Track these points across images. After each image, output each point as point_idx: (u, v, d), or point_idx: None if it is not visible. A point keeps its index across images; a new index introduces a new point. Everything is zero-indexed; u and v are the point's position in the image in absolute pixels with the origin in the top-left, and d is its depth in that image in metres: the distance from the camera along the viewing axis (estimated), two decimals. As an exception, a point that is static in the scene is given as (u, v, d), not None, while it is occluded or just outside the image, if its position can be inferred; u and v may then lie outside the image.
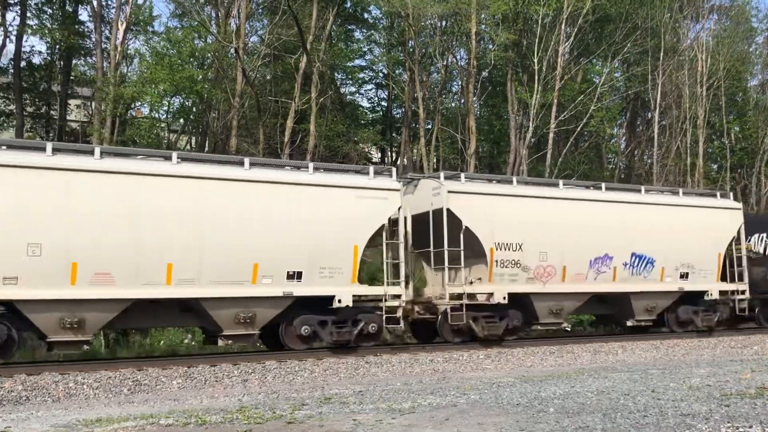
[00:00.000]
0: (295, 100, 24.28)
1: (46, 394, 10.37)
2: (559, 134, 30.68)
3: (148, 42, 27.51)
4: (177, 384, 11.27)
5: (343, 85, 34.92)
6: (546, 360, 14.33)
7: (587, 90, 30.26)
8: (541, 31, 28.04)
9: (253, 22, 29.17)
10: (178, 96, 26.89)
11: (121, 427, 7.18)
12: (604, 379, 10.69)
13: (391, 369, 12.99)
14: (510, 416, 7.23)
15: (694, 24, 35.82)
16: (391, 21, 32.38)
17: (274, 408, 8.26)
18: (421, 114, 28.81)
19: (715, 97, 33.70)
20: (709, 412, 7.19)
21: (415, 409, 7.95)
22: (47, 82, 27.05)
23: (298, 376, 12.15)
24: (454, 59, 32.29)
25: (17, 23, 25.25)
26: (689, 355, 15.46)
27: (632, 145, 37.37)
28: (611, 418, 6.92)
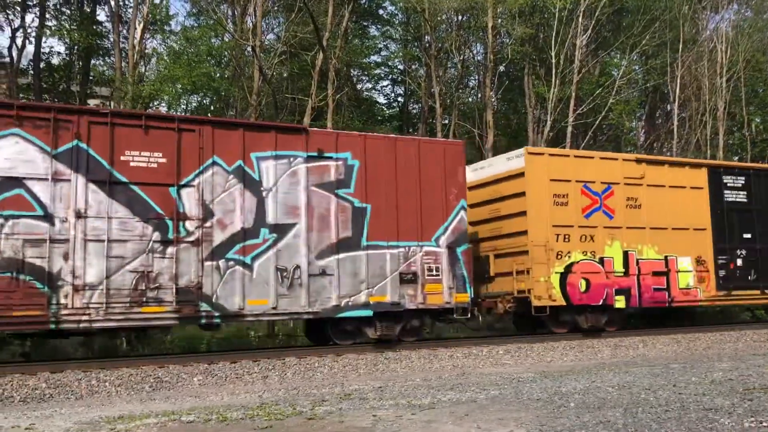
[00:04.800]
0: (312, 97, 24.30)
1: (69, 391, 10.48)
2: (578, 128, 30.48)
3: (165, 41, 27.70)
4: (198, 381, 11.35)
5: (360, 82, 34.94)
6: (566, 355, 14.28)
7: (605, 83, 30.04)
8: (558, 24, 27.86)
9: (269, 20, 29.24)
10: (195, 94, 27.03)
11: (143, 423, 7.24)
12: (625, 373, 10.63)
13: (410, 365, 13.00)
14: (530, 411, 7.21)
15: (714, 15, 35.43)
16: (407, 16, 32.31)
17: (295, 404, 8.30)
18: (438, 109, 28.75)
19: (736, 88, 33.30)
20: (732, 406, 7.13)
21: (435, 404, 7.95)
22: (66, 83, 27.28)
23: (317, 372, 12.19)
24: (470, 54, 32.21)
25: (36, 25, 25.53)
26: (711, 349, 15.34)
27: (651, 138, 37.05)
28: (632, 413, 6.88)
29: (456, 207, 14.90)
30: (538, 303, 15.79)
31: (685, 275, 17.68)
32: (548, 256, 15.97)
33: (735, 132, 37.35)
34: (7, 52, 25.88)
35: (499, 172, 17.14)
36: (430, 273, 14.49)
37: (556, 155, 17.03)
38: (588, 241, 16.55)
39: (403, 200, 14.38)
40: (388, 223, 14.20)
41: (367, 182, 14.14)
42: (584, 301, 16.28)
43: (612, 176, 17.08)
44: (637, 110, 35.86)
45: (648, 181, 17.52)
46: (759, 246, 18.88)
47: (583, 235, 16.48)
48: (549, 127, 28.37)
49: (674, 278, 17.50)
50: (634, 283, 16.93)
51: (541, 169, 16.30)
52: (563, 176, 16.50)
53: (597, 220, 16.68)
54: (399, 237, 14.27)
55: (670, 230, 17.57)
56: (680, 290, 17.50)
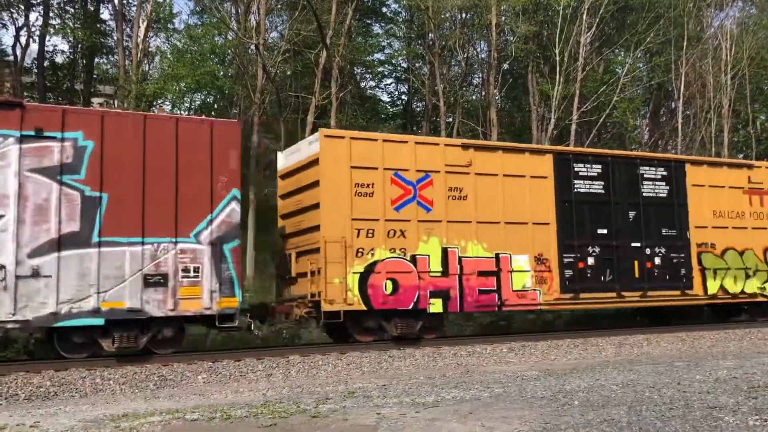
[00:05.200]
0: (316, 95, 24.31)
1: (74, 389, 10.50)
2: (582, 126, 30.43)
3: (169, 39, 27.72)
4: (202, 379, 11.36)
5: (363, 80, 34.92)
6: (570, 353, 14.27)
7: (610, 81, 29.98)
8: (562, 21, 27.81)
9: (272, 18, 29.25)
10: (199, 92, 27.05)
11: (148, 421, 7.25)
12: (629, 371, 10.62)
13: (414, 363, 13.00)
14: (534, 409, 7.20)
15: (718, 12, 35.33)
16: (410, 14, 32.28)
17: (299, 402, 8.30)
18: (441, 107, 28.72)
19: (740, 86, 33.22)
20: (737, 404, 7.12)
21: (439, 402, 7.95)
22: (70, 81, 27.32)
23: (321, 370, 12.20)
24: (474, 51, 32.16)
25: (40, 23, 25.56)
26: (715, 347, 15.31)
27: (656, 135, 36.98)
28: (637, 411, 6.87)
29: (225, 197, 12.81)
30: (330, 307, 13.75)
31: (520, 275, 15.54)
32: (345, 254, 13.94)
33: (740, 129, 37.27)
34: (11, 50, 25.99)
35: (302, 158, 15.22)
36: (187, 274, 12.41)
37: (360, 138, 14.78)
38: (398, 236, 14.42)
39: (154, 189, 12.30)
40: (131, 215, 12.08)
41: (104, 167, 12.00)
42: (390, 305, 14.14)
43: (431, 164, 15.01)
44: (641, 108, 35.78)
45: (477, 169, 15.45)
46: (616, 242, 16.75)
47: (391, 230, 14.37)
48: (553, 125, 28.33)
49: (507, 279, 15.35)
50: (454, 285, 14.81)
51: (339, 154, 14.26)
52: (369, 163, 14.46)
53: (410, 213, 14.58)
54: (145, 232, 12.16)
55: (503, 225, 15.47)
56: (514, 292, 15.37)
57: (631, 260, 16.87)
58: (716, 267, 17.97)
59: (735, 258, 18.24)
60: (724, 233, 18.21)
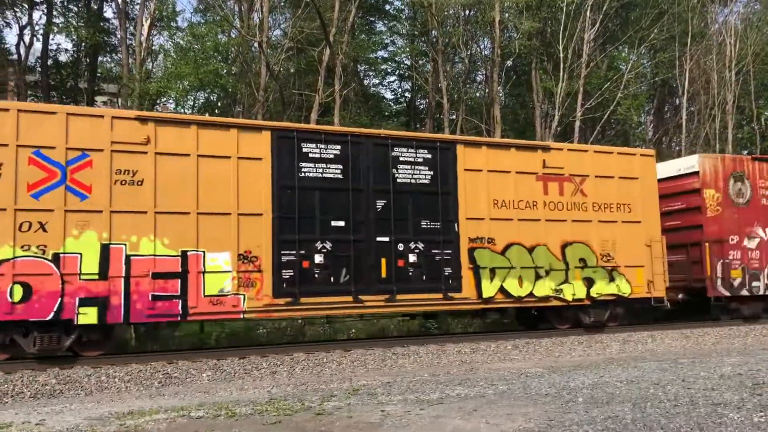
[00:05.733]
0: (319, 93, 24.30)
1: (79, 387, 10.54)
2: (586, 122, 30.38)
3: (172, 37, 27.73)
4: (207, 377, 11.39)
5: (366, 77, 34.90)
6: (574, 350, 14.26)
7: (614, 77, 29.93)
8: (566, 18, 27.76)
9: (275, 16, 29.24)
10: (202, 91, 27.06)
11: (153, 419, 7.27)
12: (634, 368, 10.62)
13: (418, 360, 13.01)
14: (539, 406, 7.21)
15: (722, 8, 35.23)
16: (413, 11, 32.26)
17: (303, 400, 8.32)
18: (445, 104, 28.70)
19: (745, 82, 33.14)
20: (741, 401, 7.11)
21: (443, 400, 7.96)
22: (74, 80, 27.35)
23: (326, 367, 12.22)
24: (478, 49, 32.12)
25: (44, 22, 25.60)
26: (720, 344, 15.29)
27: (660, 132, 36.92)
28: (641, 408, 6.87)
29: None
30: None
31: (217, 277, 12.82)
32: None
33: (744, 126, 37.18)
34: (15, 49, 26.02)
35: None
36: None
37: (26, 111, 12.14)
38: (35, 230, 11.71)
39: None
40: None
41: None
42: (20, 315, 11.44)
43: (92, 140, 12.25)
44: (645, 104, 35.71)
45: (160, 147, 12.68)
46: (356, 237, 13.98)
47: (26, 221, 11.63)
48: (557, 122, 28.29)
49: (196, 282, 12.62)
50: (117, 290, 12.08)
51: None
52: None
53: (55, 201, 11.83)
54: None
55: (194, 216, 12.77)
56: (207, 298, 12.68)
57: (376, 258, 14.07)
58: (495, 266, 14.94)
59: (521, 255, 15.24)
60: (508, 226, 15.22)
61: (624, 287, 16.23)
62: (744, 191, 18.66)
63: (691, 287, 18.26)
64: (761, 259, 18.50)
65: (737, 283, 18.08)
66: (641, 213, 16.69)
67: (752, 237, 18.46)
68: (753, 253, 18.40)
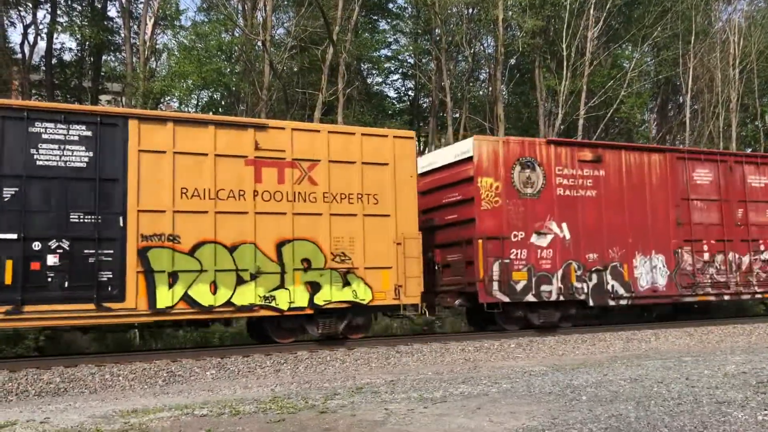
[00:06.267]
0: (322, 92, 24.31)
1: (83, 385, 10.56)
2: (589, 120, 30.35)
3: (175, 36, 27.77)
4: (211, 375, 11.41)
5: (370, 76, 34.90)
6: (578, 348, 14.26)
7: (617, 75, 29.89)
8: (569, 16, 27.73)
9: (279, 15, 29.25)
10: (206, 89, 27.09)
11: (157, 417, 7.29)
12: (637, 366, 10.61)
13: (422, 358, 13.02)
14: (542, 405, 7.21)
15: (726, 5, 35.18)
16: (417, 10, 32.25)
17: (307, 398, 8.33)
18: (448, 103, 28.69)
19: (749, 79, 33.09)
20: (745, 399, 7.11)
21: (447, 398, 7.96)
22: (78, 79, 27.38)
23: (329, 366, 12.23)
24: (481, 47, 32.11)
25: (48, 21, 25.65)
26: (724, 342, 15.28)
27: (663, 130, 36.86)
28: (645, 406, 6.86)
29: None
30: None
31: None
32: None
33: (748, 124, 37.11)
34: (19, 48, 26.06)
35: None
36: None
37: None
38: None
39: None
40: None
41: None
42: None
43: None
44: (648, 102, 35.66)
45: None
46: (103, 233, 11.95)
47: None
48: (560, 120, 28.27)
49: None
50: None
51: None
52: None
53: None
54: None
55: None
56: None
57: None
58: (178, 269, 12.35)
59: (219, 256, 12.67)
60: (201, 221, 12.63)
61: (363, 293, 13.61)
62: (534, 180, 15.62)
63: (466, 291, 15.40)
64: (554, 259, 15.54)
65: (521, 287, 15.11)
66: (392, 205, 14.09)
67: (543, 233, 15.49)
68: (544, 251, 15.43)
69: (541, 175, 15.73)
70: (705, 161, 17.95)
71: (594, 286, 15.86)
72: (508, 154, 15.48)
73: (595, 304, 15.95)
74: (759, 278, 17.99)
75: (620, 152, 16.85)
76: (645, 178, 16.95)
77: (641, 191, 16.84)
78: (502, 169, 15.37)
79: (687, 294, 16.96)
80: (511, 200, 15.35)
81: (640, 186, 16.84)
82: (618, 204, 16.45)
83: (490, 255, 14.90)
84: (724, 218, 17.80)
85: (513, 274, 15.07)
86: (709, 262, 17.42)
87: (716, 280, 17.38)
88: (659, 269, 16.71)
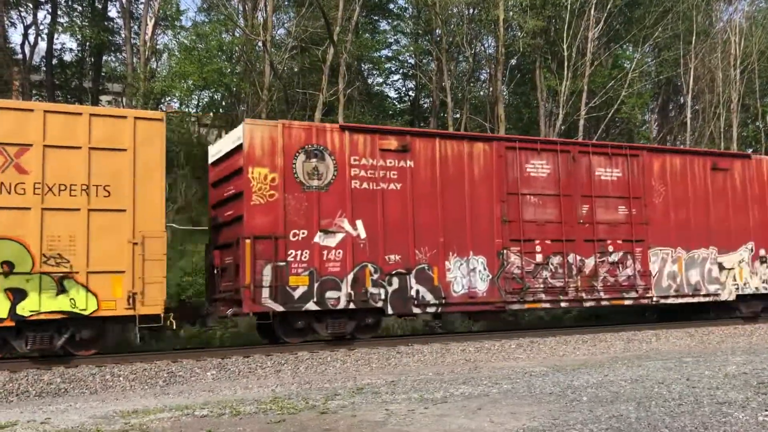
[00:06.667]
0: (323, 92, 24.31)
1: (84, 386, 10.56)
2: (590, 121, 30.34)
3: (176, 37, 27.79)
4: (211, 375, 11.41)
5: (370, 76, 34.90)
6: (578, 349, 14.25)
7: (618, 76, 29.89)
8: (570, 16, 27.73)
9: (279, 15, 29.25)
10: (206, 90, 27.10)
11: (157, 418, 7.29)
12: (638, 367, 10.60)
13: (422, 359, 13.01)
14: (543, 405, 7.21)
15: (727, 6, 35.17)
16: (417, 10, 32.26)
17: (307, 398, 8.33)
18: (449, 103, 28.69)
19: (750, 80, 33.08)
20: (746, 400, 7.10)
21: (447, 398, 7.96)
22: (78, 79, 27.41)
23: (330, 366, 12.22)
24: (482, 47, 32.11)
25: (48, 21, 25.67)
26: (725, 343, 15.26)
27: (664, 130, 36.85)
28: (645, 407, 6.86)
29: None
30: None
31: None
32: None
33: (749, 124, 37.10)
34: (20, 48, 26.09)
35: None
36: None
37: None
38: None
39: None
40: None
41: None
42: None
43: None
44: (649, 103, 35.66)
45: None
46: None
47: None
48: (561, 121, 28.26)
49: None
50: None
51: None
52: None
53: None
54: None
55: None
56: None
57: None
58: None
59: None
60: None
61: (83, 302, 11.47)
62: (323, 171, 13.57)
63: (236, 299, 13.27)
64: (344, 261, 13.49)
65: (300, 294, 13.09)
66: (129, 198, 11.96)
67: (332, 231, 13.44)
68: (332, 252, 13.39)
69: (332, 165, 13.67)
70: (542, 151, 15.79)
71: (394, 292, 13.80)
72: (289, 141, 13.44)
73: (396, 312, 13.98)
74: (606, 283, 15.90)
75: (433, 140, 14.72)
76: (465, 170, 14.83)
77: (459, 185, 14.73)
78: (281, 159, 13.28)
79: (513, 301, 14.94)
80: (292, 194, 13.29)
81: (458, 179, 14.72)
82: (429, 199, 14.38)
83: (260, 257, 12.83)
84: (563, 215, 15.66)
85: (290, 278, 13.01)
86: (542, 264, 15.27)
87: (552, 285, 15.29)
88: (479, 272, 14.63)
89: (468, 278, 14.50)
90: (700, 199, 17.52)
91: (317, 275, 13.20)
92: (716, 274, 17.47)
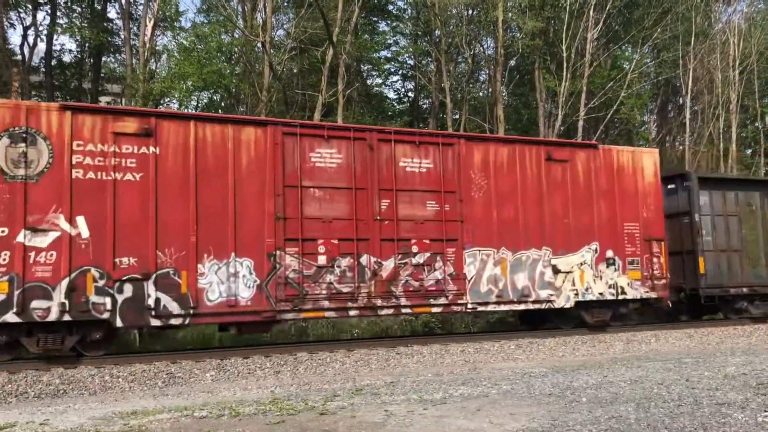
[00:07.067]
0: (322, 93, 24.33)
1: (83, 387, 10.55)
2: (589, 122, 30.36)
3: (175, 38, 27.80)
4: (210, 376, 11.40)
5: (370, 77, 34.94)
6: (578, 350, 14.25)
7: (617, 77, 29.92)
8: (569, 17, 27.75)
9: (279, 16, 29.28)
10: (206, 91, 27.12)
11: (156, 419, 7.28)
12: (638, 368, 10.60)
13: (422, 360, 13.01)
14: (542, 406, 7.20)
15: (726, 7, 35.20)
16: (416, 11, 32.30)
17: (307, 399, 8.32)
18: (448, 104, 28.71)
19: (749, 81, 33.11)
20: (745, 401, 7.10)
21: (447, 399, 7.96)
22: (78, 80, 27.40)
23: (329, 367, 12.22)
24: (481, 48, 32.13)
25: (47, 22, 25.66)
26: (724, 344, 15.26)
27: (663, 131, 36.88)
28: (645, 408, 6.86)
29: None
30: None
31: None
32: None
33: (748, 125, 37.13)
34: (19, 49, 26.08)
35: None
36: None
37: None
38: None
39: None
40: None
41: None
42: None
43: None
44: (648, 104, 35.69)
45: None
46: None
47: None
48: (560, 122, 28.28)
49: None
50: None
51: None
52: None
53: None
54: None
55: None
56: None
57: None
58: None
59: None
60: None
61: None
62: (35, 158, 11.45)
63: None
64: (58, 265, 11.37)
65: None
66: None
67: (43, 229, 11.33)
68: (42, 255, 11.30)
69: (47, 151, 11.54)
70: (331, 138, 13.73)
71: (126, 301, 11.79)
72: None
73: (128, 324, 11.98)
74: (408, 288, 13.94)
75: (187, 123, 12.62)
76: (229, 159, 12.82)
77: (221, 176, 12.73)
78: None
79: (286, 309, 12.95)
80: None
81: (220, 169, 12.73)
82: (179, 192, 12.35)
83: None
84: (357, 211, 13.68)
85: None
86: (327, 267, 13.29)
87: (338, 290, 13.35)
88: (243, 277, 12.65)
89: (228, 284, 12.55)
90: (532, 193, 15.40)
91: (20, 281, 11.09)
92: (550, 278, 15.32)
